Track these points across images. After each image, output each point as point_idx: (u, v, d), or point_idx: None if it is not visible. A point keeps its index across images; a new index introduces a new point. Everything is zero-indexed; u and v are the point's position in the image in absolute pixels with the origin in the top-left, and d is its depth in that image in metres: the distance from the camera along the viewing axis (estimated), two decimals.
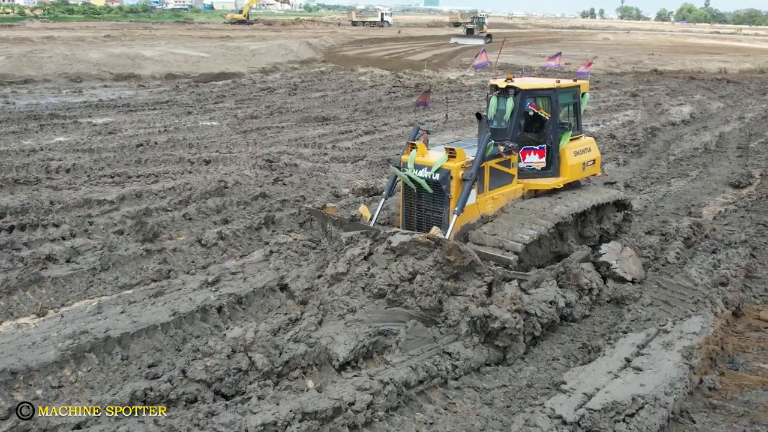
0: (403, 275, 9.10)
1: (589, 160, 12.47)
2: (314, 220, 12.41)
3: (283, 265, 11.01)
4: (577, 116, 12.43)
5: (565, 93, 11.93)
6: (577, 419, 6.93)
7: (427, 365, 8.12)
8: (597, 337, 9.34)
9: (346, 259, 9.84)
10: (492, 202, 11.15)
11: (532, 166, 11.68)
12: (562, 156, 11.84)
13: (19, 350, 8.50)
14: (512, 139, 11.34)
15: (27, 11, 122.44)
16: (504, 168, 11.27)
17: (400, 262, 9.25)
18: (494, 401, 7.85)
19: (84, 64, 38.13)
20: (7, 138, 20.77)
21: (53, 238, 12.23)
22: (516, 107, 11.33)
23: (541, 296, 9.44)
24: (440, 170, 10.47)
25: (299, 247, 11.69)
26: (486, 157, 10.64)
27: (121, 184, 15.73)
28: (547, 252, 11.16)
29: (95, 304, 9.93)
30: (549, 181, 11.80)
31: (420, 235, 9.31)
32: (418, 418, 7.42)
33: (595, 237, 12.08)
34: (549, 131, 11.66)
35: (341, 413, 7.20)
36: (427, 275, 9.01)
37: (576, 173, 12.20)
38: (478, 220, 10.84)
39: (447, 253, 8.99)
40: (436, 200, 10.69)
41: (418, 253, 9.22)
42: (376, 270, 9.41)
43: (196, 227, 13.17)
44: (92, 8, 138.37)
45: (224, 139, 21.55)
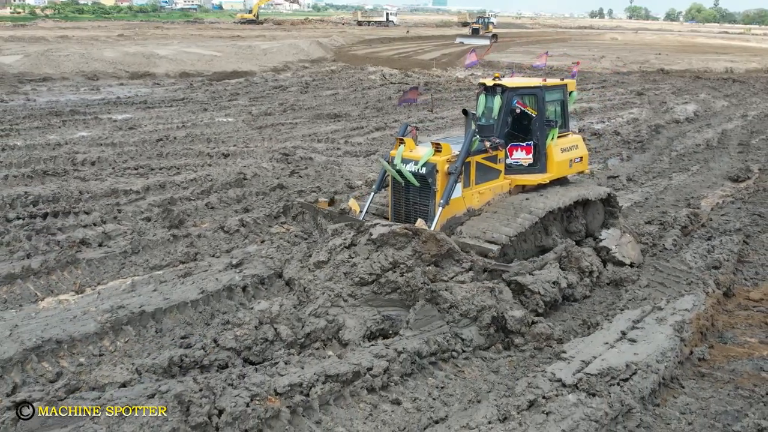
0: (384, 265, 9.44)
1: (576, 157, 12.74)
2: (306, 212, 12.77)
3: (275, 254, 11.41)
4: (564, 114, 12.70)
5: (551, 91, 12.23)
6: (575, 382, 7.63)
7: (438, 340, 8.80)
8: (596, 315, 10.01)
9: (328, 249, 10.30)
10: (478, 196, 11.44)
11: (519, 162, 11.98)
12: (548, 153, 12.13)
13: (62, 323, 9.24)
14: (499, 135, 11.66)
15: (38, 11, 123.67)
16: (491, 164, 11.58)
17: (381, 252, 9.60)
18: (500, 369, 8.55)
19: (100, 63, 39.03)
20: (33, 132, 21.60)
21: (85, 224, 13.00)
22: (503, 105, 11.65)
23: (545, 277, 10.15)
24: (426, 164, 10.76)
25: (291, 237, 12.13)
26: (471, 152, 10.96)
27: (144, 175, 16.50)
28: (532, 246, 11.38)
29: (129, 283, 10.69)
30: (536, 177, 12.08)
31: (398, 227, 9.67)
32: (430, 383, 8.13)
33: (581, 232, 12.30)
34: (536, 128, 11.97)
35: (360, 377, 7.93)
36: (407, 264, 9.39)
37: (563, 170, 12.46)
38: (464, 213, 11.16)
39: (424, 242, 9.42)
40: (422, 193, 10.96)
41: (397, 243, 9.58)
42: (358, 260, 9.75)
43: (218, 215, 13.91)
44: (102, 8, 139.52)
45: (240, 134, 22.33)
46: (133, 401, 7.02)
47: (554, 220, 11.66)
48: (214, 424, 6.85)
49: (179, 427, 6.65)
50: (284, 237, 12.19)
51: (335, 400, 7.64)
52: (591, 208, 12.48)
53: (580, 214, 12.28)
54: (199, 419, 6.78)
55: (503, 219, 10.88)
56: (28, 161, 17.45)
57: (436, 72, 45.05)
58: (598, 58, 58.05)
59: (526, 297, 9.82)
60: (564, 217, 12.03)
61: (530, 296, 9.80)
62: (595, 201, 12.41)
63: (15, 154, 18.41)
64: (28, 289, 10.45)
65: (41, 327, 9.05)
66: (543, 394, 7.43)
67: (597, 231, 12.44)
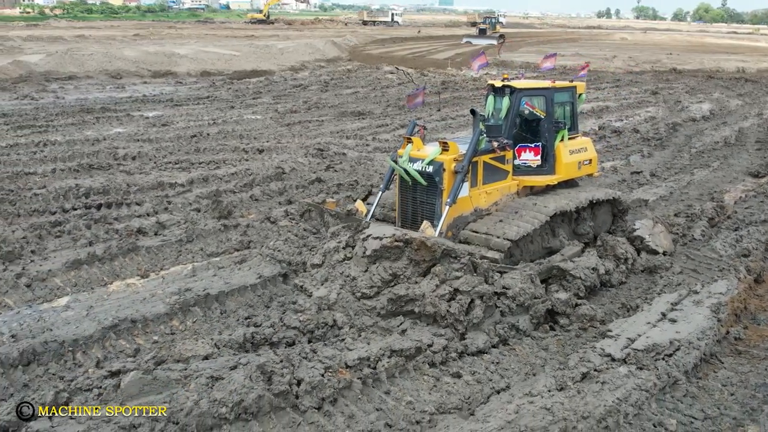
0: (384, 277, 9.49)
1: (585, 159, 12.73)
2: (313, 211, 12.70)
3: (283, 247, 11.43)
4: (573, 116, 12.69)
5: (560, 93, 12.23)
6: (623, 357, 8.24)
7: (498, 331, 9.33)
8: (634, 299, 10.60)
9: (323, 252, 10.58)
10: (486, 196, 11.40)
11: (528, 164, 11.96)
12: (557, 154, 12.14)
13: (133, 304, 9.88)
14: (507, 136, 11.60)
15: (47, 11, 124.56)
16: (498, 164, 11.54)
17: (379, 264, 9.63)
18: (549, 347, 9.15)
19: (123, 62, 39.74)
20: (70, 129, 22.28)
21: (139, 214, 13.66)
22: (511, 106, 11.64)
23: (584, 263, 10.75)
24: (433, 163, 10.74)
25: (300, 231, 12.15)
26: (478, 152, 10.93)
27: (187, 169, 17.15)
28: (539, 247, 11.36)
29: (190, 268, 11.33)
30: (544, 179, 12.08)
31: (388, 240, 9.60)
32: (485, 359, 8.72)
33: (589, 234, 12.31)
34: (544, 130, 11.98)
35: (422, 352, 8.54)
36: (405, 274, 9.47)
37: (571, 172, 12.45)
38: (471, 213, 11.14)
39: (416, 250, 9.42)
40: (429, 192, 10.93)
41: (391, 256, 9.59)
42: (356, 272, 9.80)
43: (263, 207, 14.54)
44: (110, 7, 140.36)
45: (270, 131, 22.96)
46: (218, 372, 7.65)
47: (562, 222, 11.72)
48: (294, 392, 7.46)
49: (264, 395, 7.26)
50: (292, 230, 12.21)
51: (400, 373, 8.25)
52: (599, 211, 12.52)
53: (588, 216, 12.29)
54: (281, 387, 7.39)
55: (510, 219, 10.87)
56: (72, 156, 18.12)
57: (451, 71, 45.61)
58: (610, 57, 58.51)
59: (567, 282, 10.39)
60: (572, 219, 12.05)
61: (572, 281, 10.37)
62: (603, 203, 12.43)
63: (57, 149, 19.07)
64: (95, 274, 11.09)
65: (114, 308, 9.70)
66: (595, 367, 8.03)
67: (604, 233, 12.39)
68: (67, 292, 10.37)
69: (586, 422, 6.95)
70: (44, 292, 10.34)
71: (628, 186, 17.46)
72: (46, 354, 8.51)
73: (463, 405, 7.67)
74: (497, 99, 12.01)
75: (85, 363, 8.53)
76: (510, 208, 11.33)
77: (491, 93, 12.18)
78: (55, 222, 12.84)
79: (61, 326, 9.09)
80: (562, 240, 11.66)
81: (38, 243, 12.00)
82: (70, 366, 8.44)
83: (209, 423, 7.00)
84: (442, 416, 7.39)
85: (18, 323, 9.20)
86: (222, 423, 7.02)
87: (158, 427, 6.79)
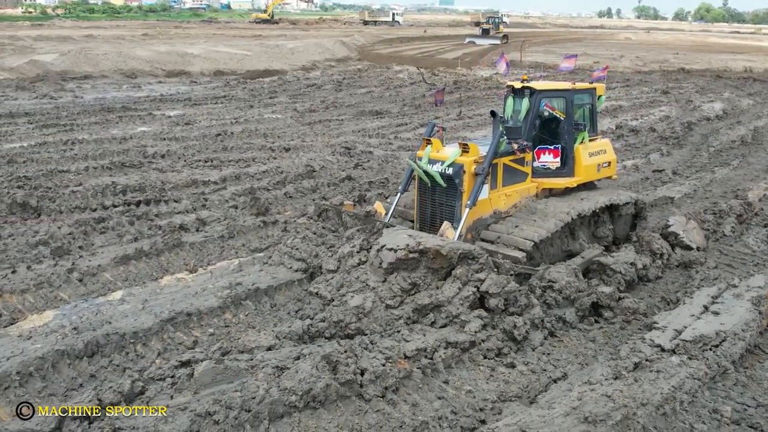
0: (403, 287, 9.49)
1: (605, 161, 12.64)
2: (330, 210, 12.76)
3: (300, 245, 11.50)
4: (592, 118, 12.63)
5: (580, 94, 12.16)
6: (673, 347, 8.50)
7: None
8: (672, 293, 10.86)
9: (337, 257, 10.58)
10: (505, 198, 11.33)
11: (547, 166, 11.88)
12: (576, 156, 12.06)
13: (186, 298, 10.14)
14: (527, 138, 11.58)
15: (49, 10, 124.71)
16: (518, 166, 11.48)
17: (397, 275, 9.60)
18: (596, 339, 9.41)
19: (137, 61, 40.00)
20: (94, 127, 22.55)
21: (179, 211, 13.93)
22: (531, 107, 11.57)
23: (623, 258, 11.02)
24: (453, 164, 10.65)
25: (318, 229, 12.18)
26: (498, 153, 10.86)
27: (218, 167, 17.41)
28: (559, 250, 11.34)
29: (236, 263, 11.58)
30: (563, 181, 12.01)
31: (402, 252, 9.50)
32: (537, 350, 8.98)
33: (609, 237, 12.27)
34: (564, 132, 11.90)
35: (476, 345, 8.79)
36: (425, 282, 9.49)
37: (590, 174, 12.38)
38: (491, 215, 11.10)
39: (431, 260, 9.44)
40: (449, 194, 10.84)
41: (408, 266, 9.55)
42: (374, 282, 9.76)
43: (298, 204, 14.80)
44: (112, 7, 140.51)
45: (293, 129, 23.23)
46: (282, 362, 7.91)
47: (581, 225, 11.69)
48: (358, 381, 7.71)
49: (331, 384, 7.52)
50: (310, 228, 12.22)
51: (456, 364, 8.51)
52: (619, 214, 12.44)
53: (607, 219, 12.28)
54: (347, 377, 7.65)
55: (531, 222, 10.85)
56: (103, 154, 18.39)
57: (462, 71, 45.86)
58: (618, 57, 58.78)
59: (607, 276, 10.66)
60: (591, 222, 12.03)
61: (612, 275, 10.63)
62: (623, 206, 12.35)
63: (86, 147, 19.33)
64: (143, 269, 11.35)
65: (169, 302, 9.97)
66: (646, 357, 8.29)
67: (624, 236, 12.47)
68: (119, 287, 10.62)
69: (645, 409, 7.21)
70: (96, 287, 10.59)
71: (651, 184, 17.73)
72: (109, 346, 8.78)
73: (523, 393, 7.94)
74: (517, 100, 11.93)
75: (146, 354, 8.79)
76: (529, 211, 11.26)
77: (511, 94, 12.09)
78: (99, 218, 13.10)
79: (119, 319, 9.35)
80: (582, 243, 11.62)
81: (85, 239, 12.26)
82: (133, 357, 8.70)
83: (280, 411, 7.26)
84: (504, 404, 7.65)
85: (77, 316, 9.47)
86: (292, 411, 7.27)
87: (232, 414, 7.04)
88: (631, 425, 6.98)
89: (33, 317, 9.47)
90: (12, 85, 32.41)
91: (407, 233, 10.13)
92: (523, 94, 11.73)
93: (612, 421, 6.90)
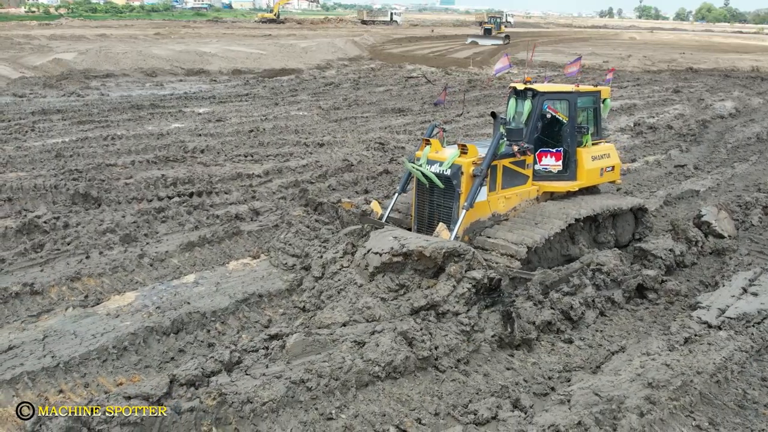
0: (391, 287, 9.60)
1: (608, 166, 12.46)
2: (325, 204, 12.92)
3: (293, 240, 11.73)
4: (597, 122, 12.49)
5: (584, 97, 11.99)
6: (719, 324, 9.19)
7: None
8: (709, 277, 11.54)
9: (322, 264, 10.64)
10: (504, 201, 11.18)
11: (548, 169, 11.75)
12: (579, 160, 11.94)
13: (255, 281, 10.82)
14: (528, 140, 11.41)
15: (51, 10, 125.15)
16: (518, 168, 11.34)
17: (385, 275, 9.70)
18: (643, 318, 10.10)
19: (156, 60, 40.67)
20: (129, 124, 23.23)
21: (231, 202, 14.60)
22: (533, 109, 11.44)
23: (661, 245, 11.72)
24: (452, 165, 10.56)
25: (311, 222, 12.43)
26: (498, 155, 10.71)
27: (258, 162, 18.09)
28: (558, 254, 11.28)
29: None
30: (565, 185, 11.86)
31: (386, 256, 9.54)
32: (590, 327, 9.66)
33: (610, 243, 12.13)
34: (566, 135, 11.77)
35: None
36: (413, 284, 9.59)
37: (593, 178, 12.24)
38: (489, 217, 10.95)
39: (416, 261, 9.54)
40: (446, 195, 10.74)
41: (395, 269, 9.63)
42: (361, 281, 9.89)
43: (342, 196, 15.43)
44: (115, 7, 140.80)
45: (322, 126, 23.91)
46: (360, 337, 8.59)
47: (582, 229, 11.57)
48: (434, 354, 8.39)
49: (410, 356, 8.21)
50: (303, 221, 12.45)
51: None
52: (621, 219, 12.38)
53: (609, 224, 12.16)
54: (424, 353, 8.32)
55: (529, 225, 10.76)
56: (145, 149, 19.07)
57: (474, 70, 46.52)
58: (626, 57, 59.50)
59: (648, 261, 11.36)
60: (593, 226, 11.91)
61: (653, 260, 11.33)
62: (625, 212, 12.24)
63: (127, 142, 20.00)
64: (208, 255, 12.01)
65: (239, 284, 10.66)
66: (695, 332, 8.99)
67: (627, 242, 12.41)
68: (189, 271, 11.29)
69: (700, 377, 7.90)
70: (167, 271, 11.26)
71: (675, 178, 18.42)
72: (191, 323, 9.46)
73: (585, 364, 8.63)
74: (519, 102, 11.77)
75: (227, 332, 9.45)
76: (528, 214, 11.15)
77: (513, 96, 11.92)
78: (159, 208, 13.76)
79: (197, 300, 10.04)
80: (582, 248, 11.47)
81: (149, 227, 12.93)
82: (215, 334, 9.36)
83: (366, 380, 7.95)
84: (570, 373, 8.34)
85: (157, 297, 10.14)
86: (375, 380, 7.95)
87: (323, 382, 7.70)
88: (689, 390, 7.68)
89: (116, 298, 10.13)
90: (39, 83, 33.08)
91: (393, 235, 10.06)
92: (525, 96, 11.60)
93: (673, 386, 7.59)
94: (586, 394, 7.25)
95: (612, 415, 6.98)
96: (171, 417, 6.85)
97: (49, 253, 11.43)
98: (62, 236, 12.19)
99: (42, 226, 12.59)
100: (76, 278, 10.65)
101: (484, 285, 9.37)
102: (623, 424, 6.88)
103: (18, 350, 8.47)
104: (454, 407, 7.58)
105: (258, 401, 7.33)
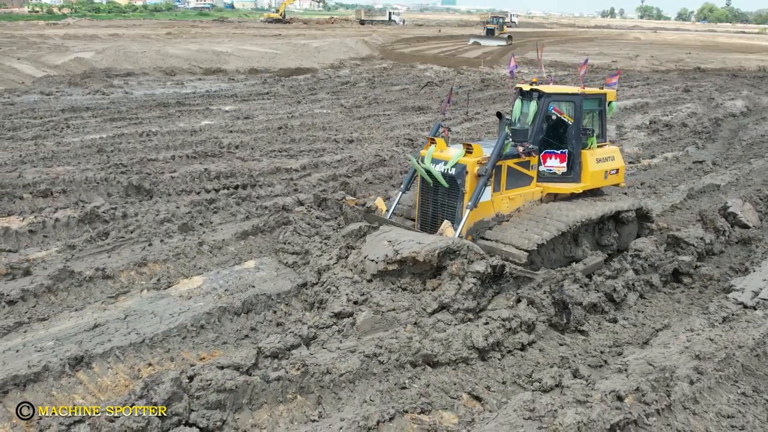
0: (393, 289, 9.73)
1: (612, 168, 12.50)
2: (329, 200, 13.25)
3: (291, 238, 12.00)
4: (602, 124, 12.54)
5: (589, 100, 12.04)
6: (754, 304, 9.88)
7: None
8: (738, 264, 12.23)
9: (317, 269, 10.72)
10: (508, 201, 11.23)
11: (553, 170, 11.79)
12: (583, 162, 11.97)
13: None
14: (533, 141, 11.49)
15: (55, 9, 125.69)
16: (523, 169, 11.38)
17: (385, 279, 9.81)
18: (681, 300, 10.78)
19: (174, 59, 41.35)
20: (160, 121, 23.90)
21: (276, 194, 15.26)
22: (539, 110, 11.49)
23: (693, 233, 12.39)
24: (456, 165, 10.59)
25: (312, 219, 12.71)
26: (503, 156, 10.77)
27: (294, 157, 18.76)
28: (561, 256, 11.31)
29: None
30: (569, 186, 11.88)
31: (383, 263, 9.63)
32: (632, 308, 10.35)
33: (613, 245, 12.15)
34: (571, 136, 11.80)
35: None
36: (413, 287, 9.71)
37: (597, 180, 12.25)
38: (492, 217, 11.00)
39: (412, 266, 9.61)
40: (450, 195, 10.78)
41: (393, 274, 9.73)
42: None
43: (379, 189, 16.14)
44: (118, 6, 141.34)
45: (347, 123, 24.60)
46: (416, 319, 9.26)
47: (585, 232, 11.61)
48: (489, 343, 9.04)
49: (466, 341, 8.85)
50: (305, 218, 12.74)
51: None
52: (624, 222, 12.34)
53: (612, 227, 12.20)
54: (480, 344, 8.97)
55: (532, 225, 10.79)
56: (183, 144, 19.75)
57: (485, 69, 47.20)
58: (633, 56, 60.22)
59: (681, 248, 12.03)
60: (596, 229, 11.96)
61: (685, 247, 12.00)
62: (628, 214, 12.23)
63: (163, 139, 20.66)
64: (262, 243, 12.67)
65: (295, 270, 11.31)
66: (732, 312, 9.67)
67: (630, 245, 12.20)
68: (247, 257, 11.96)
69: (742, 351, 8.58)
70: (227, 257, 11.93)
71: (695, 174, 19.11)
72: (259, 305, 10.13)
73: (633, 340, 9.32)
74: (524, 103, 11.84)
75: (292, 312, 10.12)
76: (530, 215, 11.17)
77: (519, 96, 11.96)
78: (210, 200, 14.43)
79: (260, 283, 10.71)
80: (585, 250, 11.54)
81: (203, 217, 13.60)
82: (281, 314, 10.03)
83: (433, 360, 8.58)
84: (620, 348, 9.02)
85: (224, 281, 10.80)
86: (439, 359, 8.58)
87: (393, 357, 8.36)
88: (732, 363, 8.36)
89: (185, 281, 10.80)
90: (64, 81, 33.75)
91: (387, 239, 10.09)
92: (531, 97, 11.68)
93: (717, 359, 8.28)
94: (641, 364, 7.93)
95: (665, 382, 7.65)
96: (261, 385, 7.52)
97: (115, 241, 12.10)
98: (123, 225, 12.86)
99: (102, 215, 13.26)
100: (143, 264, 11.29)
101: (488, 275, 9.50)
102: (676, 390, 7.55)
103: (104, 328, 9.11)
104: (519, 376, 8.27)
105: (336, 372, 7.98)
